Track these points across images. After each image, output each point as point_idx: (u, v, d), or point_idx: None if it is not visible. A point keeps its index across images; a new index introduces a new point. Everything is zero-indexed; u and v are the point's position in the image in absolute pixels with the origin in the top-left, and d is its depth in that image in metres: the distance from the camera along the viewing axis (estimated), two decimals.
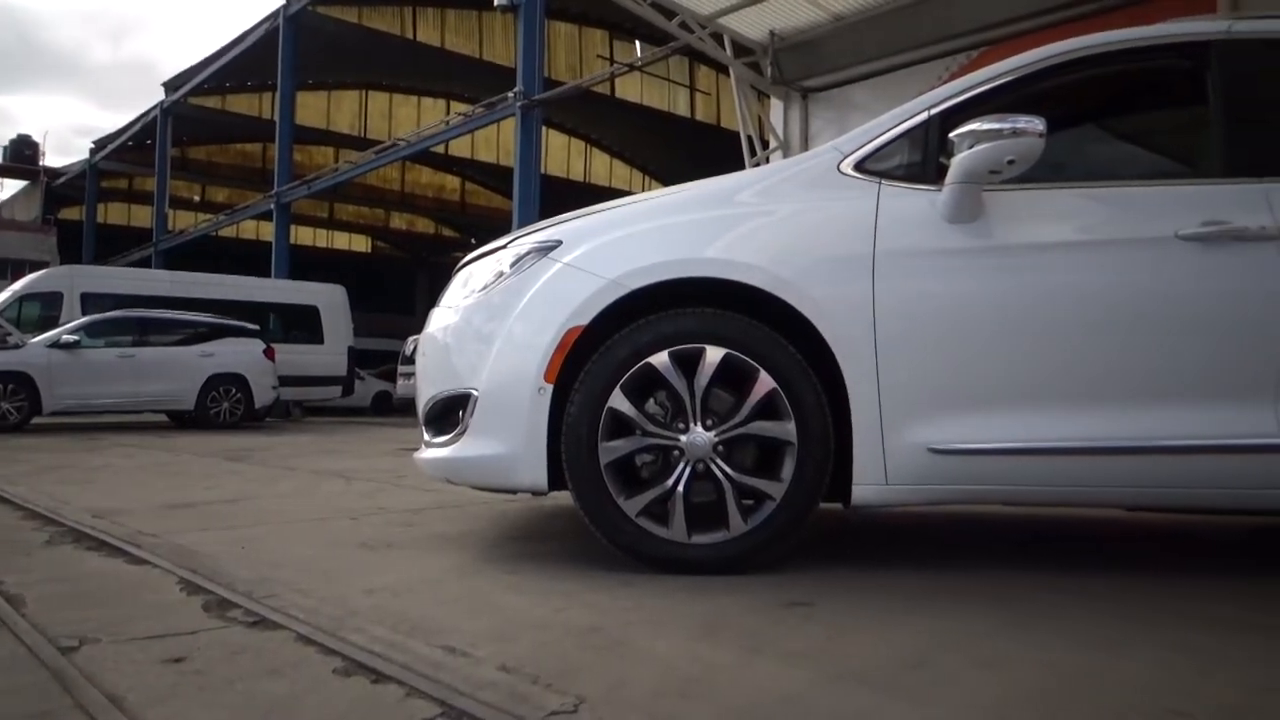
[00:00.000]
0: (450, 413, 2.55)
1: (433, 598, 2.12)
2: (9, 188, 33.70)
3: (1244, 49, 2.43)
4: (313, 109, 27.44)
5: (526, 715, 1.37)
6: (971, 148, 2.21)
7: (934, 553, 2.86)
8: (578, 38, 26.35)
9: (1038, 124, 2.16)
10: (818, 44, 10.84)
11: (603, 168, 32.59)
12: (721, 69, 16.33)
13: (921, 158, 2.42)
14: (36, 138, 38.46)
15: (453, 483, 2.63)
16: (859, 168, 2.45)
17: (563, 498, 2.52)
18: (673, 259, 2.38)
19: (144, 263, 24.71)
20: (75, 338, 10.47)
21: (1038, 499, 2.42)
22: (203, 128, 27.51)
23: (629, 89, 26.45)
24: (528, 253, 2.53)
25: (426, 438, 2.67)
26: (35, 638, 1.78)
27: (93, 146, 30.11)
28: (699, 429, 2.32)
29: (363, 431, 11.25)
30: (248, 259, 24.58)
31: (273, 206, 21.50)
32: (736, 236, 2.43)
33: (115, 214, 33.05)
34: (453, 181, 33.71)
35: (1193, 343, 2.23)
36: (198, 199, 31.12)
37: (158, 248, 25.75)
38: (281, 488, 4.52)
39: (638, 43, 25.13)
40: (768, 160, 11.08)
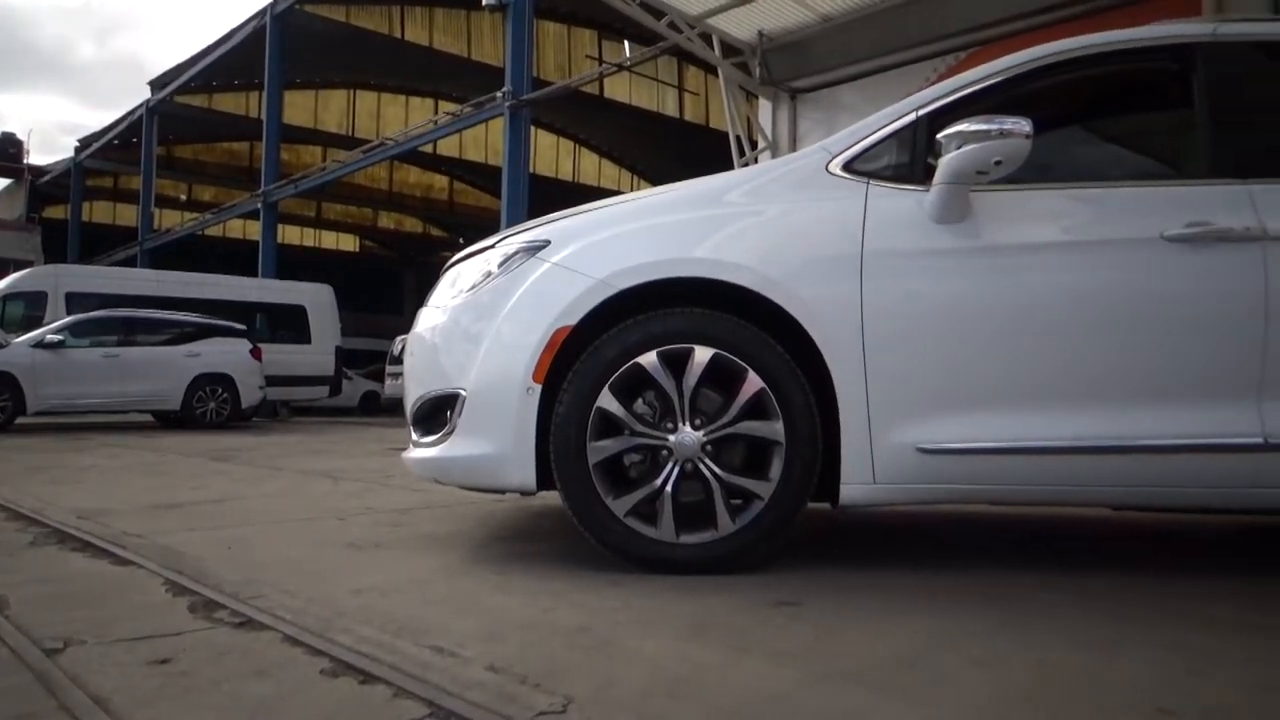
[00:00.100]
0: (438, 413, 2.55)
1: (421, 598, 2.12)
2: None
3: (1229, 51, 2.45)
4: (300, 108, 27.32)
5: (515, 715, 1.37)
6: (959, 149, 2.22)
7: (926, 552, 2.87)
8: (566, 37, 26.32)
9: (1024, 125, 2.17)
10: (806, 45, 10.87)
11: (591, 168, 32.54)
12: (710, 69, 16.32)
13: (909, 158, 2.43)
14: (21, 135, 38.05)
15: (441, 483, 2.62)
16: (847, 168, 2.46)
17: (551, 498, 2.51)
18: (661, 259, 2.39)
19: (129, 262, 24.50)
20: (60, 337, 10.41)
21: (1025, 498, 2.43)
22: (189, 126, 27.33)
23: (618, 89, 26.43)
24: (516, 252, 2.53)
25: (414, 438, 2.66)
26: (19, 639, 1.76)
27: (78, 145, 29.86)
28: (687, 429, 2.32)
29: (350, 431, 11.21)
30: (234, 258, 24.42)
31: (260, 206, 21.39)
32: (725, 237, 2.44)
33: (100, 213, 32.80)
34: (441, 181, 33.61)
35: (1178, 343, 2.25)
36: (184, 198, 30.88)
37: (143, 247, 25.57)
38: (268, 488, 4.50)
39: (626, 43, 25.08)
40: (756, 161, 11.10)
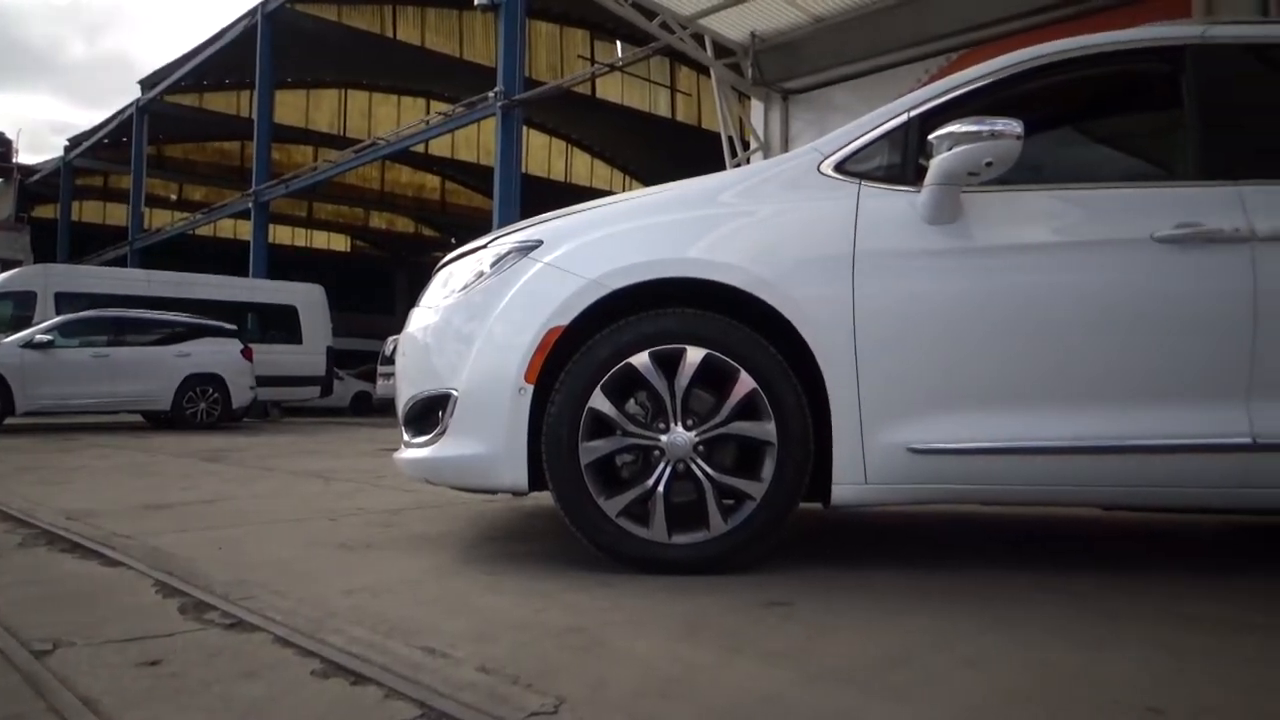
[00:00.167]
0: (430, 413, 2.54)
1: (412, 598, 2.11)
2: None
3: (1218, 53, 2.46)
4: (291, 107, 27.25)
5: (506, 716, 1.37)
6: (950, 150, 2.22)
7: (918, 552, 2.87)
8: (559, 38, 26.30)
9: (1015, 127, 2.18)
10: (798, 45, 10.89)
11: (583, 168, 32.53)
12: (702, 70, 16.37)
13: (901, 159, 2.44)
14: (10, 134, 37.95)
15: (432, 483, 2.62)
16: (839, 169, 2.46)
17: (543, 498, 2.51)
18: (654, 259, 2.39)
19: (119, 262, 24.39)
20: (49, 337, 10.35)
21: (1016, 498, 2.44)
22: (180, 125, 27.22)
23: (610, 89, 26.43)
24: (508, 252, 2.52)
25: (406, 438, 2.66)
26: (8, 641, 1.75)
27: (68, 144, 29.71)
28: (679, 429, 2.32)
29: (342, 432, 11.18)
30: (225, 258, 24.37)
31: (250, 205, 21.33)
32: (717, 237, 2.44)
33: (90, 212, 32.65)
34: (433, 181, 33.55)
35: (1168, 343, 2.26)
36: (174, 197, 30.76)
37: (133, 246, 25.47)
38: (259, 488, 4.48)
39: (619, 43, 25.12)
40: (748, 161, 11.12)
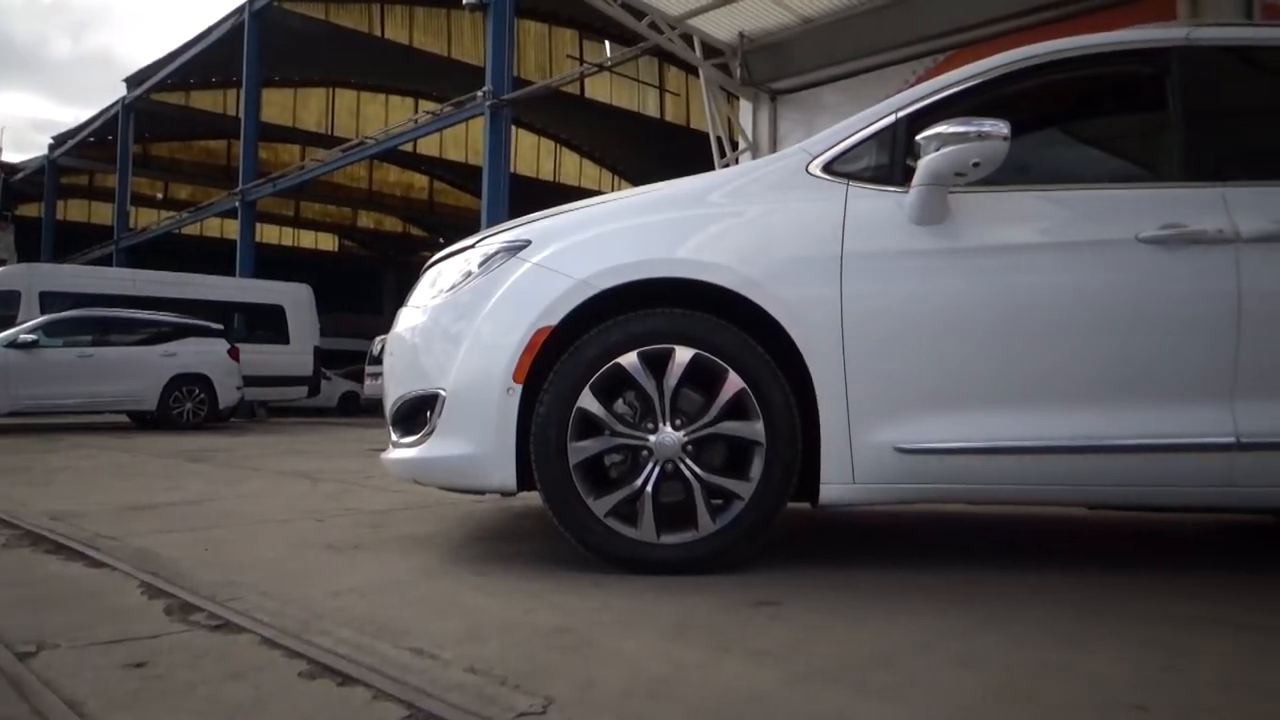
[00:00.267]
0: (418, 413, 2.54)
1: (400, 599, 2.11)
2: None
3: (1202, 55, 2.48)
4: (278, 106, 27.12)
5: (495, 716, 1.36)
6: (938, 150, 2.23)
7: (906, 552, 2.88)
8: (547, 37, 26.27)
9: (1002, 128, 2.19)
10: (786, 46, 10.91)
11: (572, 167, 32.51)
12: (691, 70, 16.36)
13: (889, 160, 2.45)
14: None
15: (420, 483, 2.61)
16: (827, 169, 2.47)
17: (531, 498, 2.51)
18: (642, 259, 2.39)
19: (104, 261, 24.24)
20: (33, 337, 10.27)
21: (1002, 497, 2.45)
22: (166, 124, 27.06)
23: (599, 89, 26.41)
24: (496, 252, 2.52)
25: (394, 438, 2.65)
26: None
27: (52, 142, 29.51)
28: (668, 429, 2.32)
29: (329, 432, 11.13)
30: (211, 257, 24.18)
31: (237, 204, 21.22)
32: (705, 237, 2.44)
33: (75, 211, 32.44)
34: (421, 180, 33.46)
35: (1153, 344, 2.28)
36: (160, 196, 30.57)
37: (119, 245, 25.30)
38: (246, 489, 4.46)
39: (607, 43, 25.06)
40: (737, 161, 11.13)
